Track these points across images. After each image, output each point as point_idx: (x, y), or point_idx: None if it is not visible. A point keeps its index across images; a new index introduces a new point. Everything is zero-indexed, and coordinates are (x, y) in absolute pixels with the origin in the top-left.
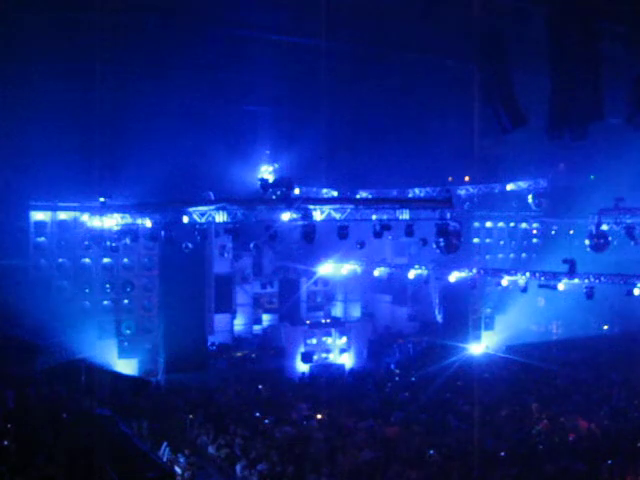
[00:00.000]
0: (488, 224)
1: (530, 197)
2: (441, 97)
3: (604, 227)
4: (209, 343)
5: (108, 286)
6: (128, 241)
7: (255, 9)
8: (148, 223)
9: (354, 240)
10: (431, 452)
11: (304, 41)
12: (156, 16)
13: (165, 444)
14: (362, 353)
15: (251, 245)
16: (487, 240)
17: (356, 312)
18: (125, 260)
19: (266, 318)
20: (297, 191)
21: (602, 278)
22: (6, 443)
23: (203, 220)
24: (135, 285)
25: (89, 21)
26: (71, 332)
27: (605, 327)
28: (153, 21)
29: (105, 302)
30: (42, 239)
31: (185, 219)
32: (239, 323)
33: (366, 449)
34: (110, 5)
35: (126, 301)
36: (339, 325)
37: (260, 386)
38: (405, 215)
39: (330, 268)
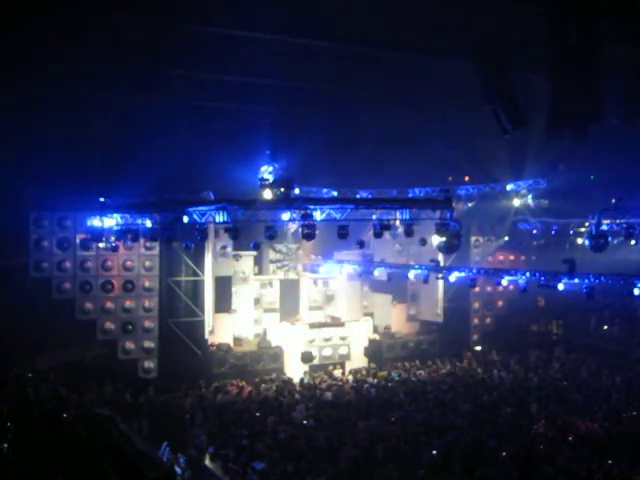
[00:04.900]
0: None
1: (530, 197)
2: (441, 97)
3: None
4: (209, 343)
5: (109, 287)
6: (129, 241)
7: (255, 9)
8: (148, 223)
9: (354, 240)
10: (433, 452)
11: (305, 41)
12: (155, 17)
13: (165, 444)
14: (362, 353)
15: (251, 245)
16: (487, 240)
17: (356, 312)
18: (125, 260)
19: (266, 318)
20: (297, 191)
21: (602, 278)
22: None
23: (203, 220)
24: (135, 285)
25: (89, 23)
26: (71, 332)
27: (605, 327)
28: (152, 22)
29: (105, 302)
30: (42, 239)
31: (185, 219)
32: (239, 323)
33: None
34: (110, 7)
35: (126, 301)
36: (339, 325)
37: (262, 385)
38: (405, 215)
39: (330, 268)
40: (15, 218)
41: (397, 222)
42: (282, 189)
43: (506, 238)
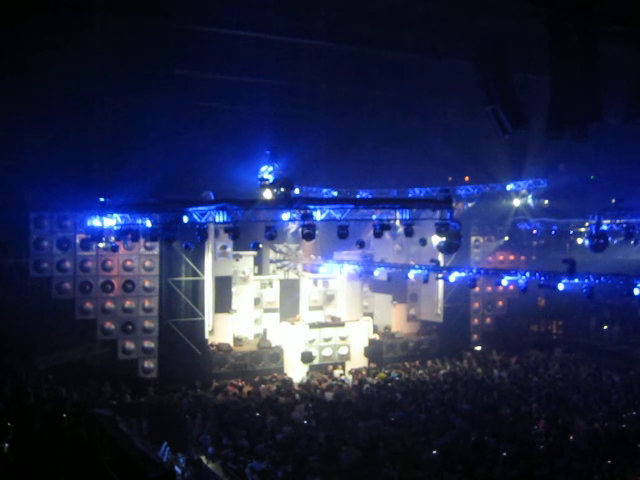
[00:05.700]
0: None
1: (530, 197)
2: (441, 97)
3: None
4: (209, 343)
5: (109, 287)
6: (129, 241)
7: (255, 9)
8: (148, 223)
9: (354, 240)
10: (433, 452)
11: (305, 41)
12: (155, 18)
13: (165, 444)
14: (362, 353)
15: (251, 245)
16: (487, 240)
17: (356, 312)
18: (125, 260)
19: (266, 318)
20: (297, 191)
21: (602, 278)
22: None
23: (203, 220)
24: (135, 285)
25: (89, 23)
26: (71, 332)
27: (605, 327)
28: (152, 23)
29: (105, 302)
30: (42, 239)
31: (185, 219)
32: (239, 323)
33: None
34: (111, 8)
35: (126, 301)
36: (339, 325)
37: (262, 385)
38: (405, 215)
39: (330, 268)
40: (15, 218)
41: (397, 222)
42: (282, 189)
43: (506, 238)
